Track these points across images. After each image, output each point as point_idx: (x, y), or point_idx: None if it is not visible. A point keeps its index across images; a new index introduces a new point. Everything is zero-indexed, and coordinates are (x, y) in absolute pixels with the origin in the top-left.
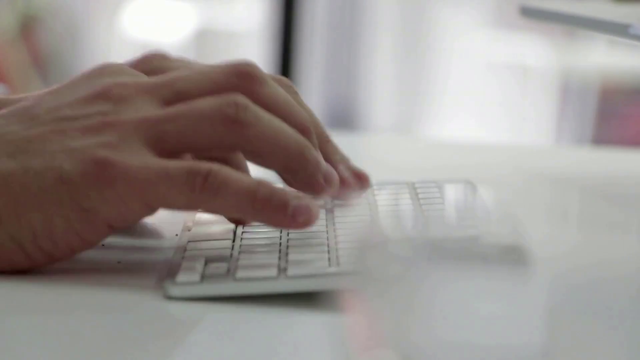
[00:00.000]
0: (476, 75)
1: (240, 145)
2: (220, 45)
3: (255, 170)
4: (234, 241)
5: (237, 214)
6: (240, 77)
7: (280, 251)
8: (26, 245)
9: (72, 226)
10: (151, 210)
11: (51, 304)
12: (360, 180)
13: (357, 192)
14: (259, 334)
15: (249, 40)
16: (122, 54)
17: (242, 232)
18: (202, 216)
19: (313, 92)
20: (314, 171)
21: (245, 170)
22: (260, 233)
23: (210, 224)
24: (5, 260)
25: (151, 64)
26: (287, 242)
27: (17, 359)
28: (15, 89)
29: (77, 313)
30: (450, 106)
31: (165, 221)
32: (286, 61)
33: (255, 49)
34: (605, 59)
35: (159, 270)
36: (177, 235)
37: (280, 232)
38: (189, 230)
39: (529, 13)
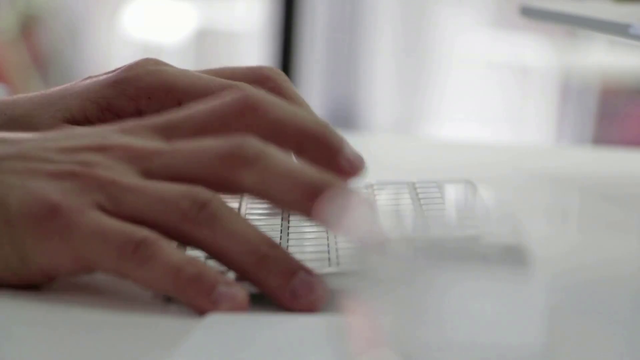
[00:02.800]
0: (476, 75)
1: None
2: (220, 45)
3: None
4: None
5: (160, 289)
6: (239, 117)
7: None
8: None
9: (9, 264)
10: (85, 269)
11: (50, 304)
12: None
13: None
14: (259, 334)
15: (249, 40)
16: (122, 54)
17: None
18: None
19: (313, 92)
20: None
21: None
22: None
23: None
24: None
25: (144, 68)
26: (287, 242)
27: (16, 354)
28: (15, 89)
29: (76, 313)
30: (450, 106)
31: None
32: (286, 61)
33: (255, 49)
34: (605, 59)
35: None
36: None
37: (280, 232)
38: None
39: (529, 13)
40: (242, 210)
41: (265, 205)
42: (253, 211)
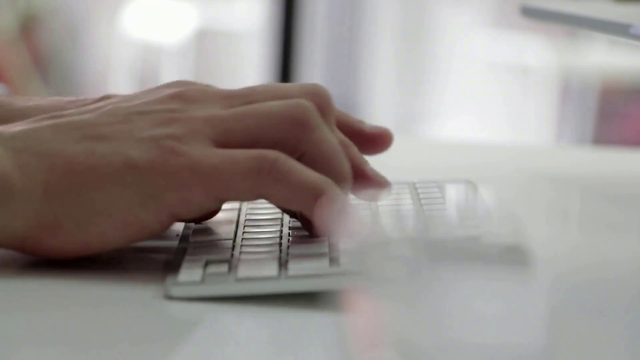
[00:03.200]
0: (476, 75)
1: (303, 147)
2: (220, 45)
3: None
4: (235, 241)
5: (298, 205)
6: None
7: (281, 251)
8: (83, 225)
9: (133, 209)
10: (215, 199)
11: (52, 303)
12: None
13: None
14: (260, 334)
15: (249, 40)
16: (122, 54)
17: (243, 232)
18: None
19: None
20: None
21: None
22: (261, 233)
23: (211, 223)
24: (60, 241)
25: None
26: (288, 241)
27: (17, 358)
28: (15, 89)
29: (78, 313)
30: (450, 106)
31: None
32: (286, 61)
33: (255, 49)
34: (605, 59)
35: (160, 270)
36: (178, 235)
37: (281, 232)
38: (190, 230)
39: (529, 13)
40: (242, 211)
41: (263, 209)
42: (253, 216)
